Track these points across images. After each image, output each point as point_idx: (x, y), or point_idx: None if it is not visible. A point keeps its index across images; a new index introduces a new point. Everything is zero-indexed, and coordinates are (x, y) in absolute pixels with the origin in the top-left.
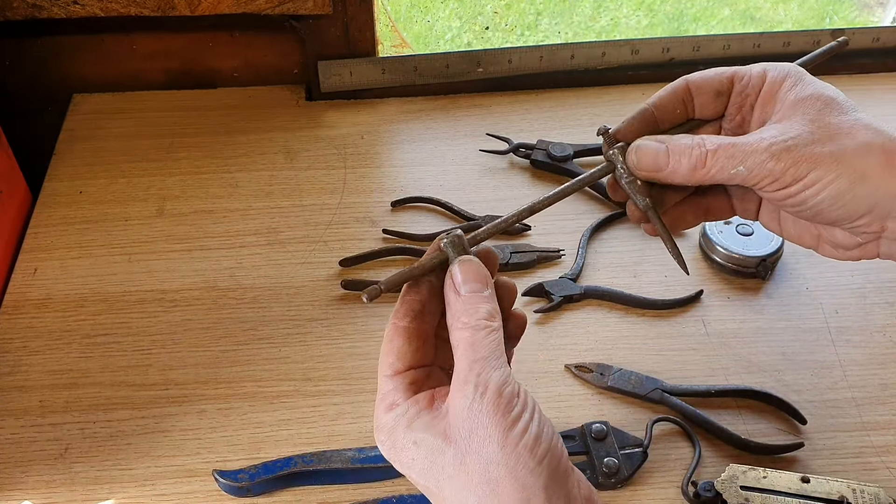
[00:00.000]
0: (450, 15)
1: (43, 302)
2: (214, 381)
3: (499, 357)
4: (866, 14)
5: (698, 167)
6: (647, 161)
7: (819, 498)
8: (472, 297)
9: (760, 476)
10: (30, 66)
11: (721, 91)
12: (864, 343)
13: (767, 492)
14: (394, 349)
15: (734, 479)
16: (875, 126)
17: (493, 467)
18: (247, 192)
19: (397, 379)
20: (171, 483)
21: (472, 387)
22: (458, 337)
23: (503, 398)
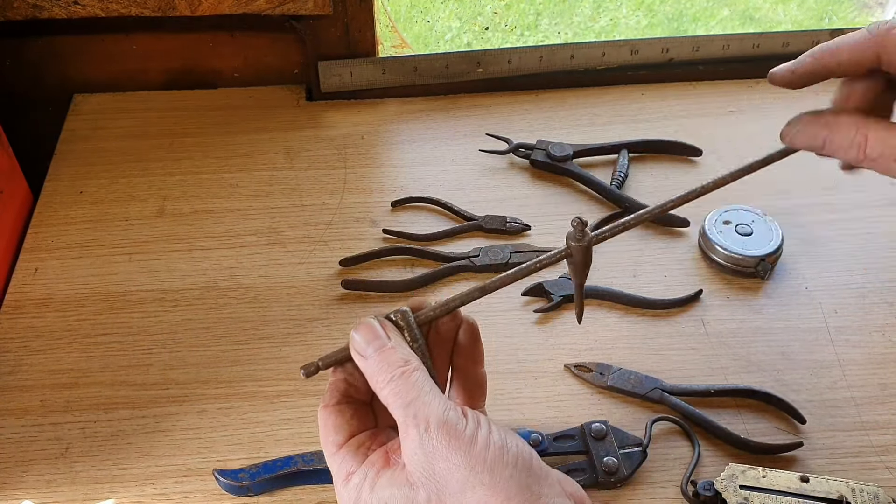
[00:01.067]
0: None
1: (43, 301)
2: (215, 380)
3: (428, 392)
4: (866, 14)
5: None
6: (805, 138)
7: (818, 497)
8: (380, 354)
9: (760, 475)
10: (30, 66)
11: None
12: (864, 343)
13: (767, 491)
14: (329, 427)
15: (733, 479)
16: None
17: (470, 492)
18: (247, 192)
19: (343, 451)
20: (171, 482)
21: (413, 428)
22: (384, 394)
23: (449, 424)
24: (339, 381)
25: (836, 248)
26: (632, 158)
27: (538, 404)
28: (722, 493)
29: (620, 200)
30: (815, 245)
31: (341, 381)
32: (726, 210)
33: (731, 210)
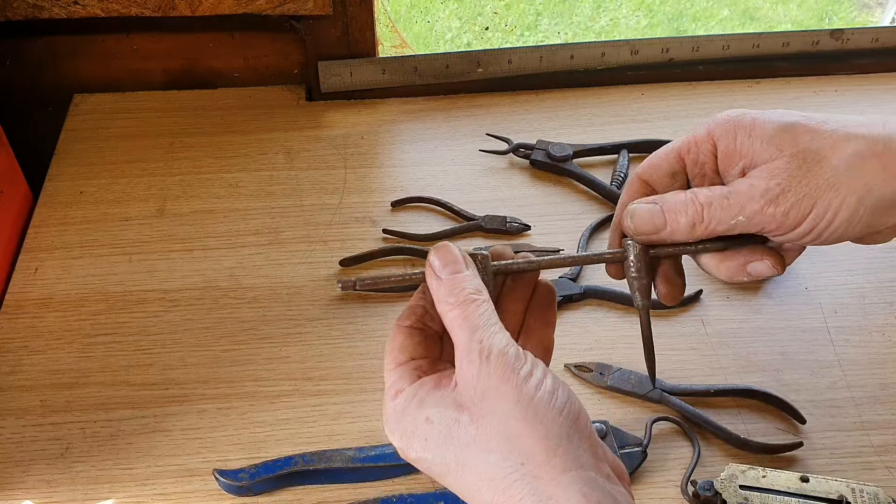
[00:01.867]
0: (450, 15)
1: (44, 302)
2: (215, 380)
3: (494, 324)
4: (865, 14)
5: (697, 222)
6: (644, 224)
7: (818, 497)
8: (454, 278)
9: (760, 475)
10: (30, 66)
11: (674, 172)
12: (863, 343)
13: (767, 491)
14: (395, 345)
15: (733, 479)
16: (854, 130)
17: (512, 422)
18: (247, 192)
19: (400, 369)
20: (171, 482)
21: (476, 353)
22: (451, 317)
23: (509, 357)
24: (418, 304)
25: (836, 249)
26: (632, 158)
27: None
28: (722, 493)
29: None
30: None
31: (419, 306)
32: None
33: None
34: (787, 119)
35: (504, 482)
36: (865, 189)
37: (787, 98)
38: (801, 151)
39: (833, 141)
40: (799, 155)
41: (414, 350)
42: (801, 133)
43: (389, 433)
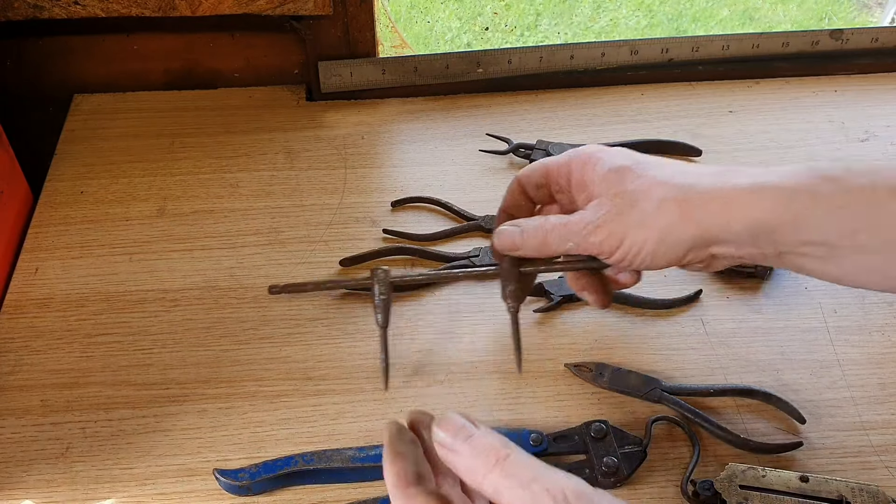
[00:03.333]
0: (450, 15)
1: (44, 301)
2: (215, 380)
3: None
4: (865, 14)
5: (542, 244)
6: (504, 242)
7: (818, 497)
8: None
9: (759, 475)
10: (31, 66)
11: (540, 184)
12: (863, 343)
13: (766, 491)
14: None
15: (733, 478)
16: (668, 180)
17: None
18: (247, 192)
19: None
20: (171, 482)
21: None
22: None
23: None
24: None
25: None
26: None
27: (538, 404)
28: (721, 493)
29: None
30: None
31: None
32: None
33: None
34: (621, 162)
35: None
36: (666, 230)
37: (787, 98)
38: (623, 192)
39: (648, 185)
40: (620, 195)
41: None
42: (627, 176)
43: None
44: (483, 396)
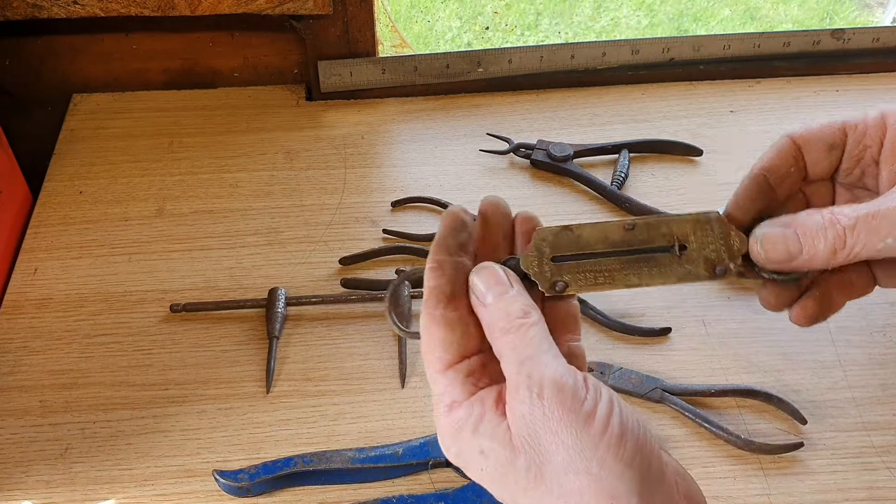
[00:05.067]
0: (450, 15)
1: (43, 302)
2: (214, 381)
3: (546, 350)
4: (866, 14)
5: (838, 248)
6: (777, 252)
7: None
8: (500, 301)
9: (574, 236)
10: (30, 65)
11: (834, 144)
12: (864, 343)
13: (585, 257)
14: (436, 340)
15: (543, 250)
16: None
17: (573, 477)
18: (247, 192)
19: (451, 374)
20: (171, 483)
21: (525, 389)
22: (500, 345)
23: (566, 393)
24: (442, 285)
25: None
26: (632, 158)
27: None
28: (530, 272)
29: (620, 200)
30: None
31: (445, 285)
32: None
33: None
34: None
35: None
36: None
37: (788, 98)
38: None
39: None
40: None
41: (460, 346)
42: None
43: (445, 449)
44: None
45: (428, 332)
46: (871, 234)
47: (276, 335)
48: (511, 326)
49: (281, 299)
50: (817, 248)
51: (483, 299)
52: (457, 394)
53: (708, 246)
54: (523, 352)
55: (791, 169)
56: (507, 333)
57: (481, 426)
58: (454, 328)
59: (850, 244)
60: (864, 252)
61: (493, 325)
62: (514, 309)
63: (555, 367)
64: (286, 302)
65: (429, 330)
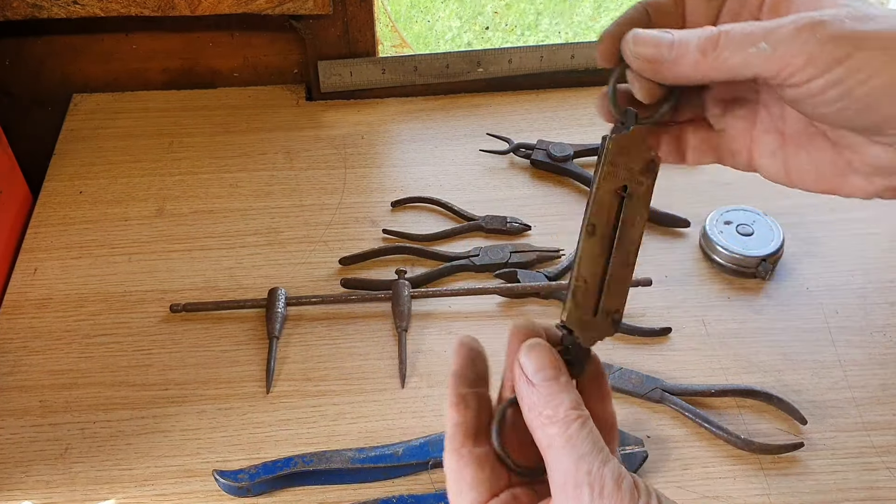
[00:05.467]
0: (450, 15)
1: (43, 302)
2: (214, 381)
3: (602, 448)
4: None
5: (709, 49)
6: (646, 48)
7: (615, 226)
8: (549, 386)
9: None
10: (30, 65)
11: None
12: (865, 343)
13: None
14: (466, 481)
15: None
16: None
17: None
18: (247, 192)
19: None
20: (171, 483)
21: (586, 487)
22: (547, 434)
23: (624, 492)
24: (469, 420)
25: (838, 249)
26: None
27: None
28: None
29: None
30: (817, 245)
31: (472, 420)
32: (727, 210)
33: (732, 210)
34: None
35: None
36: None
37: None
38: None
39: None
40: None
41: (490, 483)
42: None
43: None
44: None
45: (456, 472)
46: (746, 36)
47: (276, 335)
48: (565, 418)
49: (281, 299)
50: (688, 44)
51: (531, 377)
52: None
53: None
54: (580, 447)
55: (671, 8)
56: (557, 424)
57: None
58: (483, 466)
59: (722, 44)
60: (733, 57)
61: (539, 409)
62: (567, 399)
63: (613, 465)
64: (286, 302)
65: (457, 470)
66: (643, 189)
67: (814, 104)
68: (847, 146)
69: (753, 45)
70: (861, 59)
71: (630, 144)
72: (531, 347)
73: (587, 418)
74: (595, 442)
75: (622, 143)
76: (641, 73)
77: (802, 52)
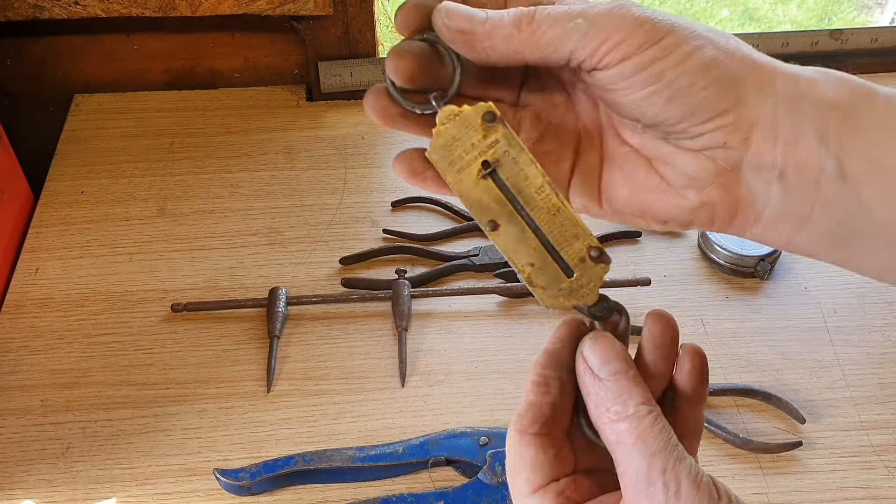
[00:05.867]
0: None
1: (44, 301)
2: (215, 380)
3: (677, 445)
4: (865, 14)
5: (523, 23)
6: (460, 18)
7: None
8: (617, 380)
9: None
10: (31, 66)
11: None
12: (863, 342)
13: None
14: (527, 461)
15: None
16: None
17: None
18: (247, 192)
19: (539, 496)
20: (172, 482)
21: (660, 486)
22: (617, 430)
23: (702, 492)
24: (545, 403)
25: None
26: None
27: None
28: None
29: None
30: None
31: (547, 405)
32: None
33: None
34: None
35: None
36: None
37: None
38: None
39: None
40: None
41: (551, 467)
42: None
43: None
44: (483, 396)
45: (518, 451)
46: (562, 14)
47: (276, 334)
48: (635, 413)
49: (281, 299)
50: (502, 21)
51: (597, 371)
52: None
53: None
54: (653, 443)
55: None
56: (627, 420)
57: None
58: (546, 449)
59: (538, 19)
60: (550, 31)
61: (607, 404)
62: (637, 394)
63: (690, 463)
64: (287, 301)
65: (518, 449)
66: (502, 146)
67: (625, 89)
68: (658, 158)
69: (571, 20)
70: (674, 40)
71: (451, 128)
72: (595, 340)
73: (659, 414)
74: (668, 438)
75: (442, 133)
76: (452, 44)
77: (619, 29)
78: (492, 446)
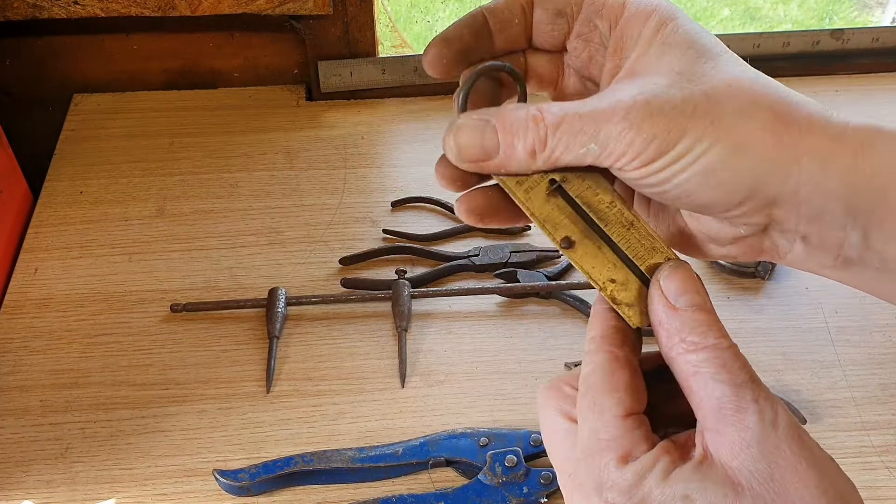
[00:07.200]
0: (450, 15)
1: (43, 302)
2: (215, 380)
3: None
4: (866, 14)
5: (538, 150)
6: (471, 148)
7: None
8: (695, 312)
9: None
10: (30, 66)
11: (562, 11)
12: (864, 343)
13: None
14: (621, 383)
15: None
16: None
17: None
18: (247, 192)
19: (630, 422)
20: (171, 483)
21: (755, 415)
22: (694, 360)
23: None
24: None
25: None
26: None
27: None
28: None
29: None
30: None
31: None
32: None
33: None
34: (704, 40)
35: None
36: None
37: None
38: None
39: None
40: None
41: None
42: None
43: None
44: (483, 396)
45: (608, 371)
46: (575, 136)
47: (276, 335)
48: (716, 344)
49: (281, 299)
50: (516, 147)
51: (674, 300)
52: (634, 444)
53: None
54: (739, 375)
55: (516, 20)
56: (707, 350)
57: (677, 472)
58: (637, 377)
59: (550, 146)
60: (565, 156)
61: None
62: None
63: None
64: (286, 302)
65: (609, 370)
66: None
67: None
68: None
69: (584, 145)
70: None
71: None
72: (674, 268)
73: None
74: (754, 377)
75: None
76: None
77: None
78: (492, 447)
